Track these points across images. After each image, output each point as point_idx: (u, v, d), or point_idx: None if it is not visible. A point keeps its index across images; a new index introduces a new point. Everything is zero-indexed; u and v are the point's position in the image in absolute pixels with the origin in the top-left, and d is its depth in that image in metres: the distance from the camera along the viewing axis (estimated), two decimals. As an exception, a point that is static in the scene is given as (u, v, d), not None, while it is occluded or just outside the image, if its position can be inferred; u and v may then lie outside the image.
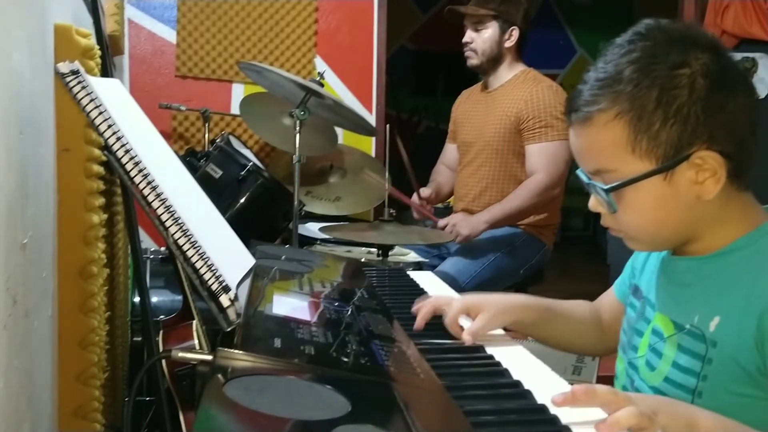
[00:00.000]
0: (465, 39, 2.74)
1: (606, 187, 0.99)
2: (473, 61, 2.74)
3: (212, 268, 1.00)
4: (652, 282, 1.12)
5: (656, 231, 1.02)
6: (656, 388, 1.04)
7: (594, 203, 1.04)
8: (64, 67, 1.00)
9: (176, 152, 2.71)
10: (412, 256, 2.55)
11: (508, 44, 2.71)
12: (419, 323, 1.20)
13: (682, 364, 1.00)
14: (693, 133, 0.94)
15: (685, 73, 0.94)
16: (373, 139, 3.43)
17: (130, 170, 1.00)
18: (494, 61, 2.72)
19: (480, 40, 2.71)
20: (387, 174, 2.48)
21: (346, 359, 0.90)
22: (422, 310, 1.21)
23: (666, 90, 0.94)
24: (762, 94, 3.70)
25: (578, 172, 1.06)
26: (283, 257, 1.51)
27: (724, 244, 1.01)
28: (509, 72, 2.75)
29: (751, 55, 3.67)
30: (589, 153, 1.01)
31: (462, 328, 1.18)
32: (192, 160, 2.59)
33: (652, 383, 1.05)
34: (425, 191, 2.79)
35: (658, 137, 0.95)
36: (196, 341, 1.45)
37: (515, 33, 2.70)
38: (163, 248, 2.46)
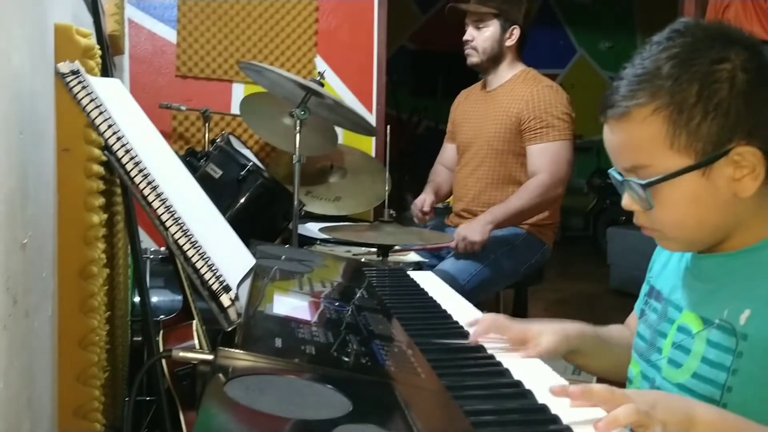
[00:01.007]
0: (466, 37, 2.74)
1: (643, 182, 0.98)
2: (473, 59, 2.74)
3: (212, 268, 1.00)
4: (678, 283, 1.11)
5: (693, 229, 1.01)
6: (682, 385, 1.02)
7: (628, 201, 1.03)
8: (65, 67, 0.99)
9: (176, 152, 2.72)
10: (412, 256, 2.55)
11: (508, 43, 2.71)
12: (476, 336, 1.18)
13: (712, 358, 0.99)
14: (733, 129, 0.94)
15: (725, 68, 0.94)
16: (373, 139, 3.43)
17: (131, 170, 1.00)
18: (494, 59, 2.72)
19: (481, 38, 2.71)
20: (387, 174, 2.48)
21: (346, 359, 0.90)
22: (480, 326, 1.20)
23: (707, 84, 0.94)
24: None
25: (611, 171, 1.05)
26: (283, 257, 1.51)
27: (754, 241, 1.00)
28: (509, 71, 2.75)
29: (751, 54, 3.67)
30: (626, 149, 1.00)
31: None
32: (192, 160, 2.59)
33: (678, 380, 1.03)
34: (424, 201, 2.79)
35: (698, 132, 0.94)
36: (196, 341, 1.45)
37: (516, 32, 2.71)
38: (163, 248, 2.46)
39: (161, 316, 1.91)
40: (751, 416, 0.91)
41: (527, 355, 1.14)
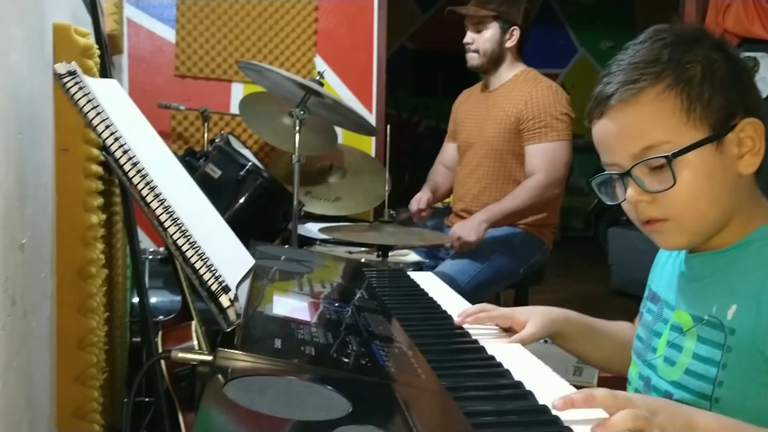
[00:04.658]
0: (466, 40, 2.74)
1: (668, 154, 0.97)
2: (474, 62, 2.75)
3: (212, 269, 0.99)
4: (671, 284, 1.13)
5: (706, 208, 1.00)
6: (676, 381, 1.04)
7: (635, 192, 1.01)
8: (62, 68, 0.99)
9: (175, 152, 2.72)
10: (412, 257, 2.55)
11: (509, 44, 2.71)
12: (462, 320, 1.28)
13: (702, 354, 1.01)
14: (735, 105, 0.99)
15: (718, 54, 1.00)
16: (373, 138, 3.43)
17: (129, 171, 1.00)
18: (495, 61, 2.73)
19: (481, 40, 2.71)
20: (387, 174, 2.48)
21: (346, 360, 0.90)
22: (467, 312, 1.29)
23: (708, 65, 0.99)
24: (763, 94, 3.70)
25: (601, 175, 1.05)
26: (283, 257, 1.50)
27: (740, 237, 1.03)
28: (510, 72, 2.75)
29: (752, 54, 3.67)
30: (637, 131, 1.00)
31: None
32: (191, 159, 2.58)
33: (672, 378, 1.05)
34: (421, 200, 2.79)
35: (710, 105, 0.98)
36: (195, 342, 1.44)
37: (516, 33, 2.71)
38: (161, 248, 2.45)
39: (160, 317, 1.90)
40: (741, 408, 0.93)
41: (516, 339, 1.21)
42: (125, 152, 0.98)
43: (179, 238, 0.99)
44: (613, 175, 1.04)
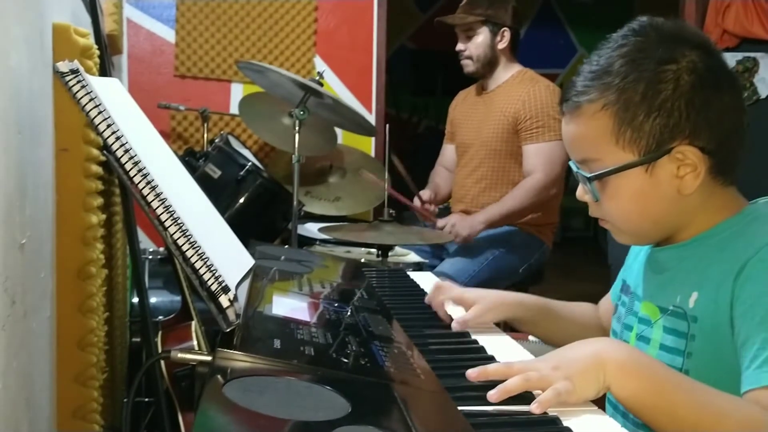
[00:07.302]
0: (458, 47, 2.76)
1: (588, 175, 1.03)
2: (470, 68, 2.76)
3: (211, 269, 0.99)
4: (640, 276, 1.15)
5: (639, 222, 1.04)
6: None
7: (580, 192, 1.08)
8: (64, 66, 0.99)
9: (175, 152, 2.71)
10: (412, 257, 2.55)
11: (501, 46, 2.72)
12: (446, 318, 1.28)
13: (668, 344, 1.02)
14: (675, 128, 0.97)
15: (671, 69, 0.97)
16: (373, 139, 3.43)
17: (130, 170, 1.00)
18: (490, 65, 2.74)
19: (473, 47, 2.72)
20: (387, 174, 2.48)
21: (345, 360, 0.90)
22: (438, 308, 1.30)
23: (652, 84, 0.97)
24: (763, 94, 3.70)
25: (570, 162, 1.10)
26: (283, 258, 1.50)
27: (705, 229, 1.03)
28: (506, 72, 2.75)
29: (752, 54, 3.66)
30: (576, 142, 1.05)
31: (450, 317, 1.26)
32: (191, 160, 2.58)
33: None
34: (425, 193, 2.80)
35: (641, 129, 0.98)
36: (195, 342, 1.44)
37: (507, 34, 2.71)
38: (161, 248, 2.45)
39: (160, 317, 1.90)
40: None
41: (458, 321, 1.22)
42: (126, 151, 0.98)
43: (179, 237, 0.99)
44: (573, 168, 1.09)
